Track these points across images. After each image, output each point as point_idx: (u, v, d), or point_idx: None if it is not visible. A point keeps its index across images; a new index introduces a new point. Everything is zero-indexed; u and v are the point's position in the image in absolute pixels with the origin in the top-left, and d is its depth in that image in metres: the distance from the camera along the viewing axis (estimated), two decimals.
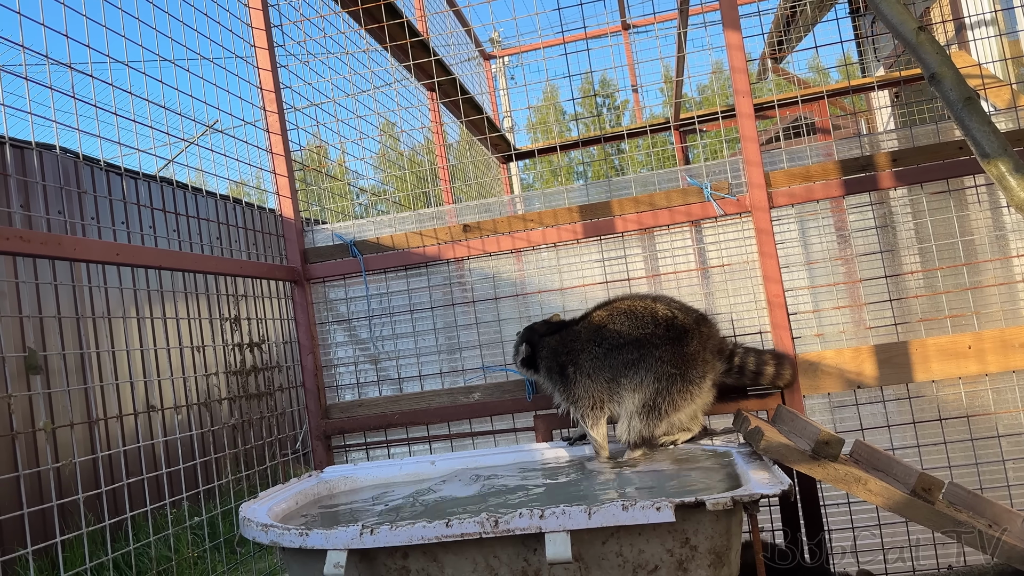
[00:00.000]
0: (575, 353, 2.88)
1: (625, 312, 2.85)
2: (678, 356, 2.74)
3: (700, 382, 2.76)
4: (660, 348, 2.75)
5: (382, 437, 3.51)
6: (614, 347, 2.81)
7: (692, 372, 2.74)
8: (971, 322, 3.02)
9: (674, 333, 2.76)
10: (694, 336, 2.77)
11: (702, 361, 2.76)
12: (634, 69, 6.89)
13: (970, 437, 2.97)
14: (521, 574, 2.02)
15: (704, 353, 2.78)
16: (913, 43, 2.36)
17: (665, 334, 2.76)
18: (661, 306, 2.84)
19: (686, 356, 2.74)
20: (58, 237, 2.23)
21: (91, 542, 4.96)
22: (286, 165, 3.56)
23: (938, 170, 3.02)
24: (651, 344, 2.76)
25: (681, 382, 2.73)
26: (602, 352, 2.83)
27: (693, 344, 2.76)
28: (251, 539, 2.32)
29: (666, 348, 2.75)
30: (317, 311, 3.61)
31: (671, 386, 2.73)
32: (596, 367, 2.83)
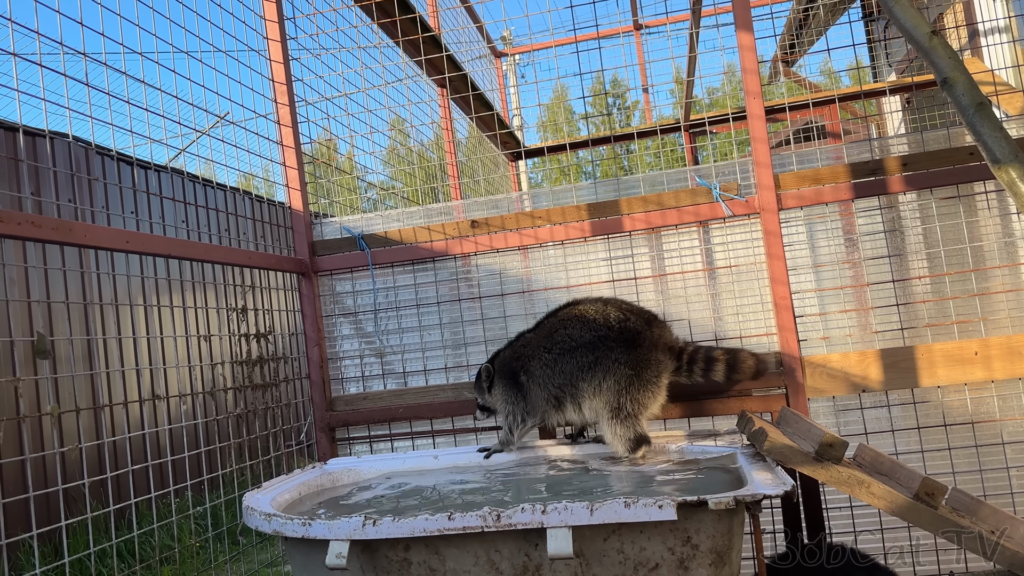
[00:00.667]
0: (526, 359, 2.92)
1: (578, 317, 2.89)
2: (633, 358, 2.78)
3: (656, 381, 2.81)
4: (616, 351, 2.79)
5: (386, 431, 3.52)
6: (567, 350, 2.85)
7: (647, 372, 2.79)
8: (978, 328, 3.01)
9: (628, 336, 2.81)
10: (646, 337, 2.82)
11: (655, 361, 2.81)
12: (645, 69, 6.89)
13: (974, 443, 2.96)
14: (522, 569, 2.03)
15: (656, 353, 2.82)
16: (926, 47, 2.36)
17: (620, 337, 2.81)
18: (613, 309, 2.88)
19: (640, 358, 2.79)
20: (69, 223, 2.24)
21: (94, 528, 4.99)
22: (296, 157, 3.57)
23: (948, 175, 3.01)
24: (606, 347, 2.80)
25: (638, 382, 2.78)
26: (553, 358, 2.87)
27: (646, 345, 2.81)
28: (254, 528, 2.33)
29: (622, 351, 2.79)
30: (324, 304, 3.62)
31: (631, 387, 2.77)
32: (547, 373, 2.87)
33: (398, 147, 5.59)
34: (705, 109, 8.10)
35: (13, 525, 4.20)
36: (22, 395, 4.81)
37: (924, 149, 3.11)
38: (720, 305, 3.29)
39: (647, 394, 2.78)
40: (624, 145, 7.74)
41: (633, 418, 2.76)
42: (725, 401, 3.11)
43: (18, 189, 5.45)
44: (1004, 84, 4.42)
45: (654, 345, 2.82)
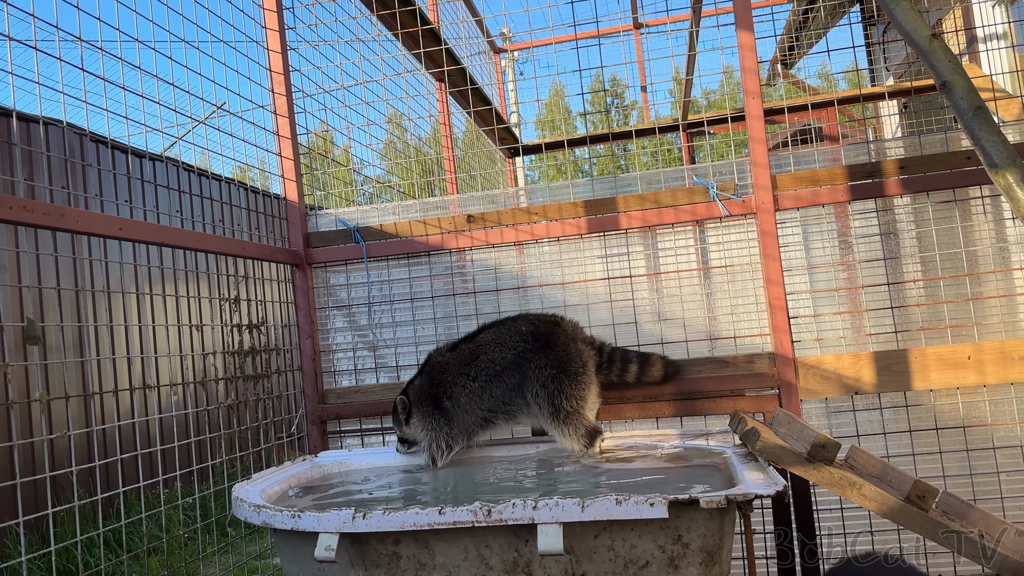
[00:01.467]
0: (448, 386, 2.92)
1: (495, 340, 2.95)
2: (554, 358, 2.85)
3: (584, 371, 2.86)
4: (536, 358, 2.86)
5: (378, 424, 3.51)
6: (493, 376, 2.90)
7: (572, 365, 2.85)
8: (971, 333, 3.02)
9: (542, 340, 2.89)
10: (560, 335, 2.90)
11: (576, 352, 2.87)
12: (644, 68, 6.88)
13: (966, 448, 2.97)
14: (512, 565, 2.02)
15: (575, 345, 2.89)
16: (926, 50, 2.36)
17: (535, 345, 2.89)
18: (522, 323, 2.97)
19: (560, 355, 2.86)
20: (61, 208, 2.22)
21: (82, 517, 4.97)
22: (292, 148, 3.55)
23: (945, 179, 3.02)
24: (527, 359, 2.87)
25: (567, 377, 2.83)
26: (479, 385, 2.90)
27: (560, 342, 2.88)
28: (243, 519, 2.32)
29: (541, 355, 2.86)
30: (317, 296, 3.61)
31: (561, 385, 2.82)
32: (475, 400, 2.90)
33: (395, 141, 5.57)
34: (703, 110, 8.10)
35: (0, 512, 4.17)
36: (11, 381, 4.78)
37: (921, 153, 3.11)
38: (714, 305, 3.28)
39: (579, 386, 2.83)
40: (622, 144, 7.74)
41: (576, 414, 2.81)
42: (718, 401, 3.11)
43: (11, 174, 5.41)
44: (1001, 90, 4.42)
45: (571, 339, 2.90)
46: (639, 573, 1.98)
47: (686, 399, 3.14)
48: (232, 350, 3.30)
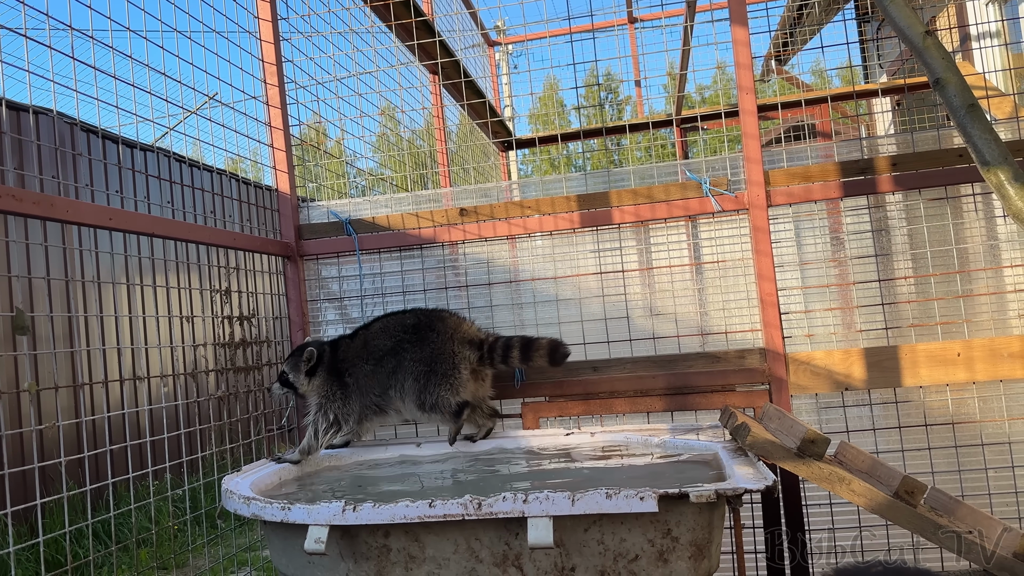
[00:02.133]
0: (351, 364, 3.02)
1: (382, 328, 3.06)
2: (426, 355, 2.95)
3: (454, 372, 2.94)
4: (411, 351, 2.97)
5: None
6: (378, 360, 3.01)
7: (443, 366, 2.94)
8: (961, 330, 3.03)
9: (418, 335, 2.99)
10: (438, 333, 2.99)
11: (451, 353, 2.95)
12: (638, 62, 6.87)
13: (954, 444, 2.98)
14: (502, 558, 2.02)
15: (452, 346, 2.96)
16: (920, 47, 2.36)
17: (412, 338, 2.99)
18: (410, 316, 3.08)
19: (434, 353, 2.95)
20: (51, 198, 2.20)
21: (71, 508, 4.95)
22: (284, 139, 3.54)
23: (937, 176, 3.02)
24: (403, 350, 2.98)
25: (435, 377, 2.93)
26: (371, 368, 3.02)
27: (438, 341, 2.97)
28: (233, 511, 2.31)
29: (416, 350, 2.97)
30: (309, 288, 3.60)
31: (428, 383, 2.94)
32: (369, 383, 3.01)
33: (388, 134, 5.55)
34: (697, 106, 8.10)
35: None
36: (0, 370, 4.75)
37: (914, 150, 3.12)
38: (706, 300, 3.29)
39: (445, 387, 2.94)
40: (615, 139, 7.73)
41: (443, 401, 2.95)
42: (708, 396, 3.11)
43: (1, 163, 5.38)
44: (994, 88, 4.44)
45: (449, 339, 2.98)
46: (628, 567, 1.98)
47: (677, 394, 3.15)
48: (223, 342, 3.28)
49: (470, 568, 2.03)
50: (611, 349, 3.30)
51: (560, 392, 3.23)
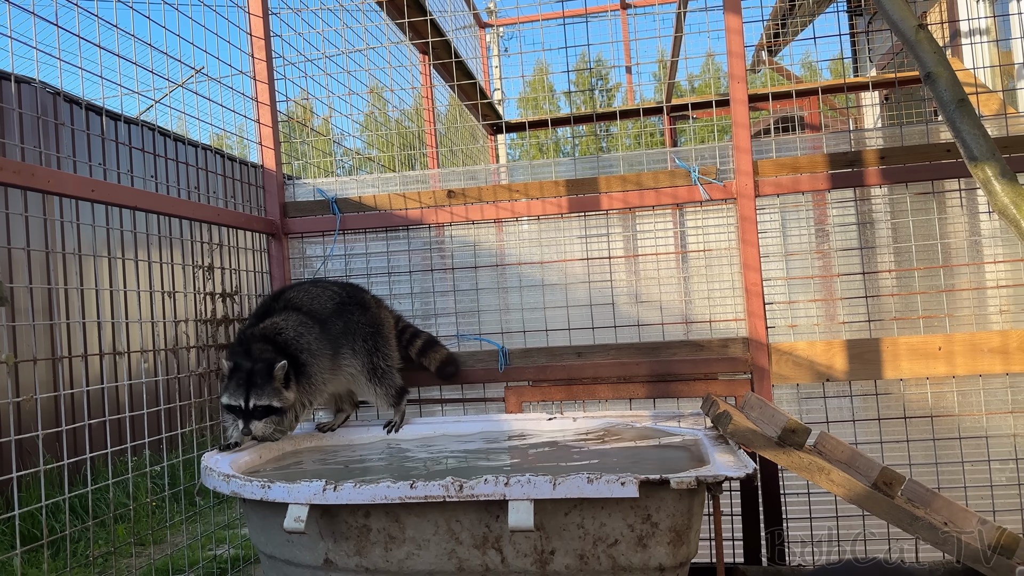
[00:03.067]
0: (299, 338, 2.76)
1: (313, 292, 2.95)
2: (369, 318, 2.99)
3: (392, 336, 3.04)
4: (356, 314, 2.95)
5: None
6: (324, 319, 2.87)
7: (385, 329, 3.01)
8: (943, 324, 3.06)
9: (358, 300, 3.01)
10: (369, 300, 3.06)
11: (385, 318, 3.06)
12: (629, 48, 6.85)
13: (932, 437, 3.01)
14: (482, 540, 2.02)
15: (383, 311, 3.07)
16: (912, 41, 2.36)
17: (352, 301, 2.99)
18: (331, 283, 3.10)
19: (374, 317, 3.01)
20: (31, 167, 2.17)
21: (48, 483, 4.92)
22: (271, 115, 3.50)
23: (924, 171, 3.04)
24: (348, 311, 2.94)
25: (381, 339, 2.97)
26: (320, 331, 2.83)
27: (373, 306, 3.04)
28: (212, 488, 2.30)
29: (359, 314, 2.96)
30: (293, 266, 3.57)
31: (378, 344, 2.95)
32: (321, 346, 2.82)
33: (376, 113, 5.50)
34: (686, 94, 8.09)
35: None
36: None
37: (903, 144, 3.13)
38: (691, 289, 3.30)
39: (391, 348, 2.99)
40: (605, 126, 7.72)
41: (390, 372, 2.95)
42: (691, 384, 3.13)
43: None
44: (982, 85, 4.46)
45: (379, 305, 3.08)
46: (608, 551, 1.99)
47: (660, 381, 3.16)
48: (205, 318, 3.26)
49: (450, 550, 2.03)
50: (595, 335, 3.30)
51: (543, 377, 3.23)
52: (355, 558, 2.08)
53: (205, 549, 3.90)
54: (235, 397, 2.54)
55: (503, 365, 3.27)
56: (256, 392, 2.54)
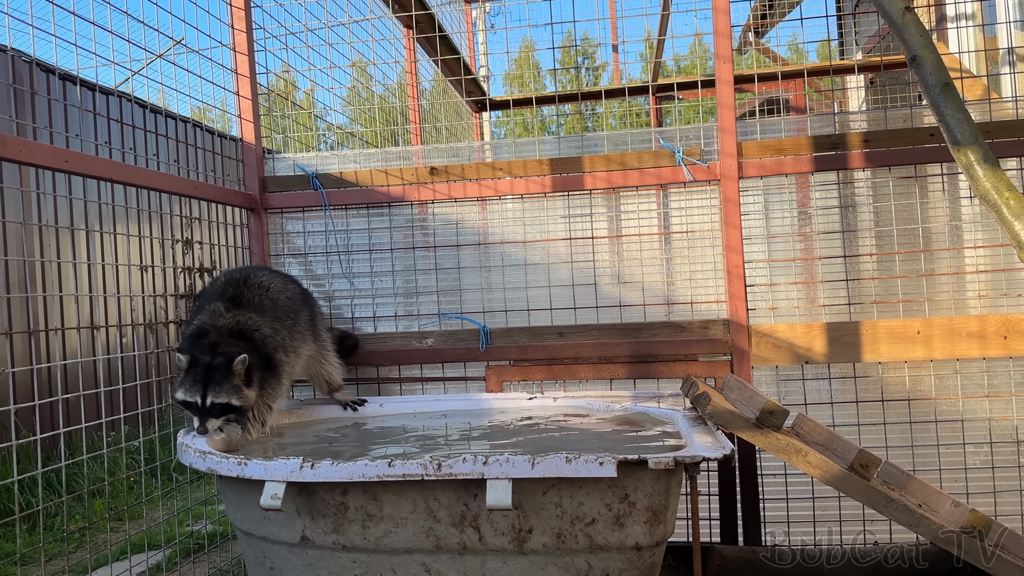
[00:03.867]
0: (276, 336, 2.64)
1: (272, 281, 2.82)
2: (314, 303, 3.11)
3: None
4: (308, 302, 3.01)
5: None
6: (295, 310, 2.81)
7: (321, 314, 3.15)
8: (923, 308, 3.07)
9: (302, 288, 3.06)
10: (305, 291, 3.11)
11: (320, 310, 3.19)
12: (616, 26, 6.80)
13: (909, 420, 3.04)
14: (460, 518, 2.02)
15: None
16: (899, 23, 2.35)
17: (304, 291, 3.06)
18: (276, 271, 3.14)
19: (316, 305, 3.13)
20: (3, 136, 2.12)
21: (24, 457, 4.87)
22: (251, 87, 3.44)
23: (908, 155, 3.04)
24: (304, 297, 2.99)
25: (323, 323, 3.11)
26: (292, 322, 2.75)
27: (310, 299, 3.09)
28: (188, 465, 2.28)
29: (312, 302, 3.07)
30: (273, 242, 3.53)
31: (323, 327, 3.05)
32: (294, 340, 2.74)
33: (359, 88, 5.44)
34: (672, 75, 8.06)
35: None
36: None
37: (887, 127, 3.12)
38: (673, 270, 3.29)
39: (328, 332, 3.08)
40: (590, 106, 7.68)
41: (333, 352, 3.02)
42: (671, 365, 3.13)
43: None
44: (967, 71, 4.46)
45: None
46: (585, 530, 2.00)
47: (640, 362, 3.16)
48: (183, 293, 3.22)
49: (427, 528, 2.03)
50: (577, 316, 3.29)
51: (524, 356, 3.23)
52: (332, 535, 2.07)
53: (183, 525, 3.89)
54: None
55: (484, 344, 3.26)
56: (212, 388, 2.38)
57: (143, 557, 3.49)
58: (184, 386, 2.39)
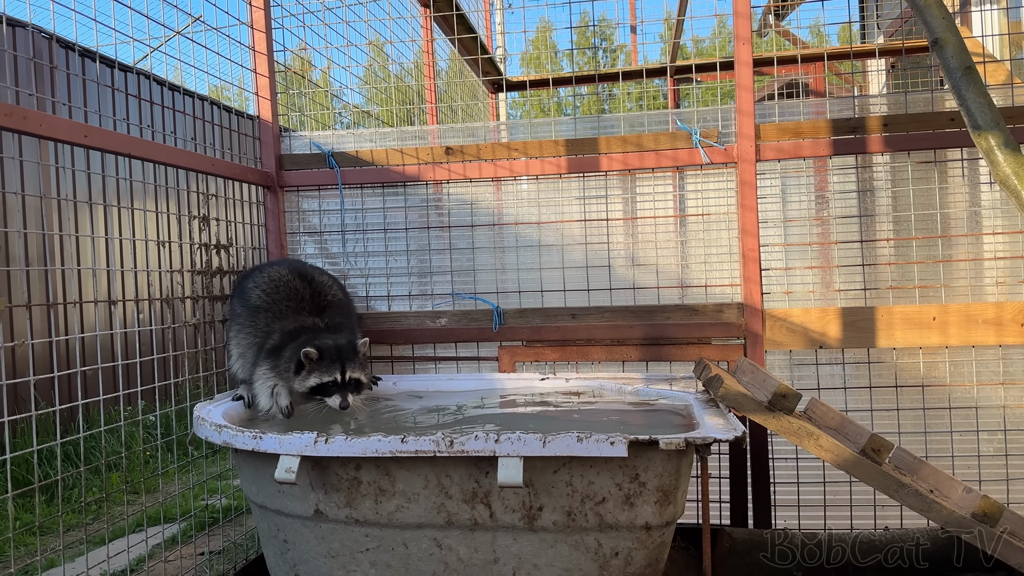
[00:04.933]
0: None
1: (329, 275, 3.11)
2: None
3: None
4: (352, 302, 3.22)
5: None
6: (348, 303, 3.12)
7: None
8: (939, 294, 3.05)
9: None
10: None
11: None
12: (634, 6, 6.73)
13: (923, 406, 3.03)
14: (471, 495, 2.04)
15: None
16: (920, 5, 2.32)
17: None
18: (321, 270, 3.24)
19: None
20: (23, 110, 2.13)
21: (42, 430, 4.94)
22: (267, 65, 3.44)
23: (927, 139, 3.01)
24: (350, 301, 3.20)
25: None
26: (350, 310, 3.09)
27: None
28: (204, 439, 2.31)
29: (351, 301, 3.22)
30: (288, 220, 3.55)
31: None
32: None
33: (376, 67, 5.43)
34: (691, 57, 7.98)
35: None
36: None
37: (907, 111, 3.09)
38: (688, 253, 3.28)
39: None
40: (607, 88, 7.63)
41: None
42: (684, 348, 3.13)
43: None
44: (989, 55, 4.39)
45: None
46: (595, 508, 2.01)
47: (653, 344, 3.16)
48: (199, 269, 3.24)
49: (439, 504, 2.05)
50: (591, 298, 3.29)
51: (537, 337, 3.23)
52: (345, 509, 2.09)
53: (197, 499, 3.94)
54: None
55: (497, 325, 3.27)
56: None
57: (159, 529, 3.54)
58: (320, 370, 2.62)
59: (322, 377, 2.62)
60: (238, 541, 3.53)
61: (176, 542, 3.50)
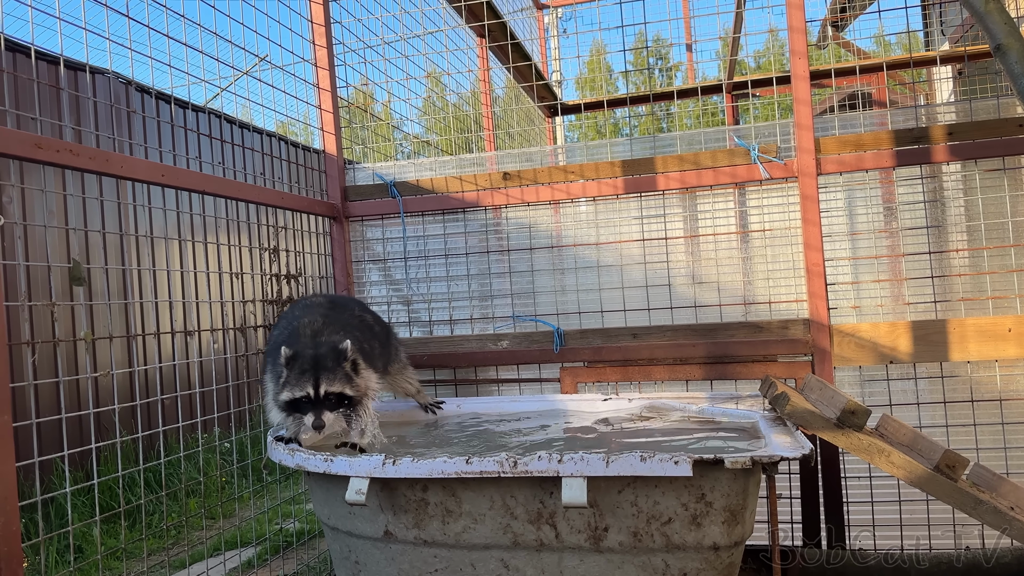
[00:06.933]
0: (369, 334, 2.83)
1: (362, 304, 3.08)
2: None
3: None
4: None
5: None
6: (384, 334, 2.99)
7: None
8: (1014, 305, 2.96)
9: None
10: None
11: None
12: (690, 25, 6.73)
13: (1001, 421, 2.92)
14: (536, 515, 2.06)
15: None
16: (981, 12, 2.28)
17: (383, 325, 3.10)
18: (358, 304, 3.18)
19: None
20: (106, 153, 2.26)
21: (123, 457, 5.15)
22: (332, 101, 3.56)
23: (995, 147, 2.93)
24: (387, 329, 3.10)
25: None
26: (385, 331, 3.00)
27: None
28: (277, 462, 2.38)
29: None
30: (354, 249, 3.65)
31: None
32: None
33: (434, 97, 5.55)
34: (751, 72, 7.91)
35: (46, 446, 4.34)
36: (57, 320, 4.93)
37: (972, 119, 3.02)
38: (751, 269, 3.26)
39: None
40: (664, 107, 7.62)
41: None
42: (749, 366, 3.10)
43: (59, 118, 5.52)
44: None
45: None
46: (661, 529, 2.00)
47: (717, 363, 3.13)
48: (271, 299, 3.36)
49: (505, 524, 2.07)
50: (651, 317, 3.29)
51: (599, 358, 3.24)
52: (414, 530, 2.13)
53: (272, 523, 4.04)
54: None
55: (558, 346, 3.29)
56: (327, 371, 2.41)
57: (235, 553, 3.64)
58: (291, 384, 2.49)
59: (293, 392, 2.31)
60: (311, 564, 3.61)
61: (252, 565, 3.59)
